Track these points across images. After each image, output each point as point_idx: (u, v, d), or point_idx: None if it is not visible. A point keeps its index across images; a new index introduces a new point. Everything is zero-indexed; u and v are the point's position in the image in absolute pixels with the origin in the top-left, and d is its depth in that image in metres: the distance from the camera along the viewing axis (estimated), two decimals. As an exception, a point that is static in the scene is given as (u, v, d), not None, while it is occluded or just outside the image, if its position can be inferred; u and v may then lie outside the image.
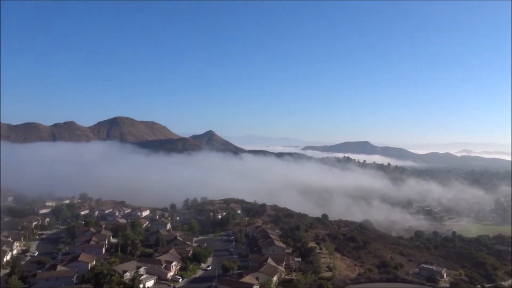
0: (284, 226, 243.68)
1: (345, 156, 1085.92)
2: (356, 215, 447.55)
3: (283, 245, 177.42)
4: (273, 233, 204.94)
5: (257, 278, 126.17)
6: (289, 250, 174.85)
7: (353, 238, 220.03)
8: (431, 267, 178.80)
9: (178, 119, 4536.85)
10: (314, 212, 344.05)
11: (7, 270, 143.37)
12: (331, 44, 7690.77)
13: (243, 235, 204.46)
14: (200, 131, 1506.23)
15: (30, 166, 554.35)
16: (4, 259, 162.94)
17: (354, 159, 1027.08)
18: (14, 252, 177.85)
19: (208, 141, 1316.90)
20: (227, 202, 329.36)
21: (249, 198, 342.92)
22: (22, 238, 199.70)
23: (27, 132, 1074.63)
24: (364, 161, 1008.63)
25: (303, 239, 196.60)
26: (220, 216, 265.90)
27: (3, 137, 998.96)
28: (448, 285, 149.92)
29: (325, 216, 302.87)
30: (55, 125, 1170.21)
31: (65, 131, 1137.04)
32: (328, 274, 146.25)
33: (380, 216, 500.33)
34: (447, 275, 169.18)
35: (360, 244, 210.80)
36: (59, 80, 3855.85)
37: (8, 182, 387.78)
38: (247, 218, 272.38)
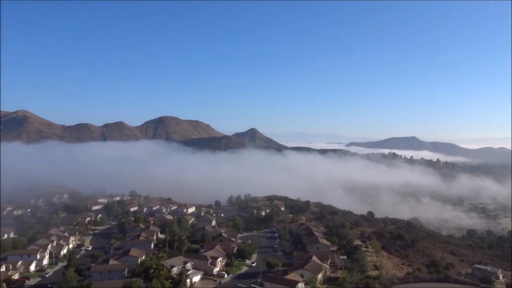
0: (328, 224, 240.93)
1: (391, 152, 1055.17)
2: (404, 212, 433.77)
3: (328, 243, 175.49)
4: (317, 230, 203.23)
5: (301, 276, 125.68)
6: (334, 248, 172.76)
7: (401, 236, 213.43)
8: (485, 267, 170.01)
9: (221, 117, 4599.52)
10: (360, 209, 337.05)
11: (64, 263, 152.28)
12: (375, 39, 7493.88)
13: (287, 232, 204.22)
14: (243, 129, 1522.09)
15: (83, 165, 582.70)
16: (61, 253, 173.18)
17: (400, 155, 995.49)
18: (70, 246, 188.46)
19: (251, 138, 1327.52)
20: (270, 199, 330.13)
21: (293, 195, 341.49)
22: (77, 233, 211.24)
23: (80, 133, 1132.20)
24: (411, 157, 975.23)
25: (348, 236, 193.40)
26: (263, 213, 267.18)
27: (58, 137, 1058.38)
28: (504, 286, 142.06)
29: (370, 213, 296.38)
30: (106, 125, 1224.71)
31: (115, 131, 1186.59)
32: (374, 272, 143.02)
33: (429, 214, 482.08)
34: (503, 276, 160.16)
35: (408, 242, 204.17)
36: (108, 82, 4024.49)
37: (63, 180, 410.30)
38: (290, 215, 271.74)
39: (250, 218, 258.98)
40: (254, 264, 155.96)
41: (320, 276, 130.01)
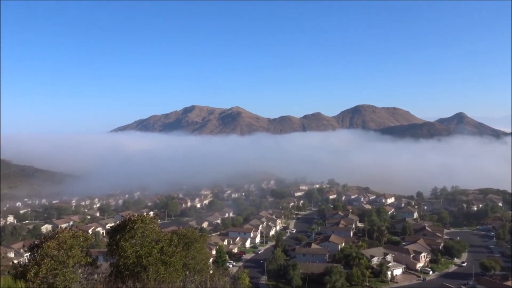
0: None
1: None
2: None
3: None
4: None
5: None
6: None
7: None
8: None
9: (421, 102, 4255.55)
10: None
11: (273, 243, 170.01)
12: None
13: (506, 231, 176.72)
14: (448, 113, 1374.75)
15: (286, 154, 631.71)
16: (270, 233, 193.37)
17: None
18: (277, 228, 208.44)
19: (457, 124, 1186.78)
20: (484, 192, 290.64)
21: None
22: (282, 216, 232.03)
23: (283, 124, 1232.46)
24: None
25: None
26: (475, 208, 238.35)
27: (265, 129, 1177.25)
28: None
29: None
30: (305, 116, 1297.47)
31: (313, 122, 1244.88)
32: None
33: None
34: None
35: None
36: (305, 75, 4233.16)
37: (270, 168, 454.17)
38: (510, 212, 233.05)
39: (459, 213, 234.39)
40: (464, 264, 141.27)
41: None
